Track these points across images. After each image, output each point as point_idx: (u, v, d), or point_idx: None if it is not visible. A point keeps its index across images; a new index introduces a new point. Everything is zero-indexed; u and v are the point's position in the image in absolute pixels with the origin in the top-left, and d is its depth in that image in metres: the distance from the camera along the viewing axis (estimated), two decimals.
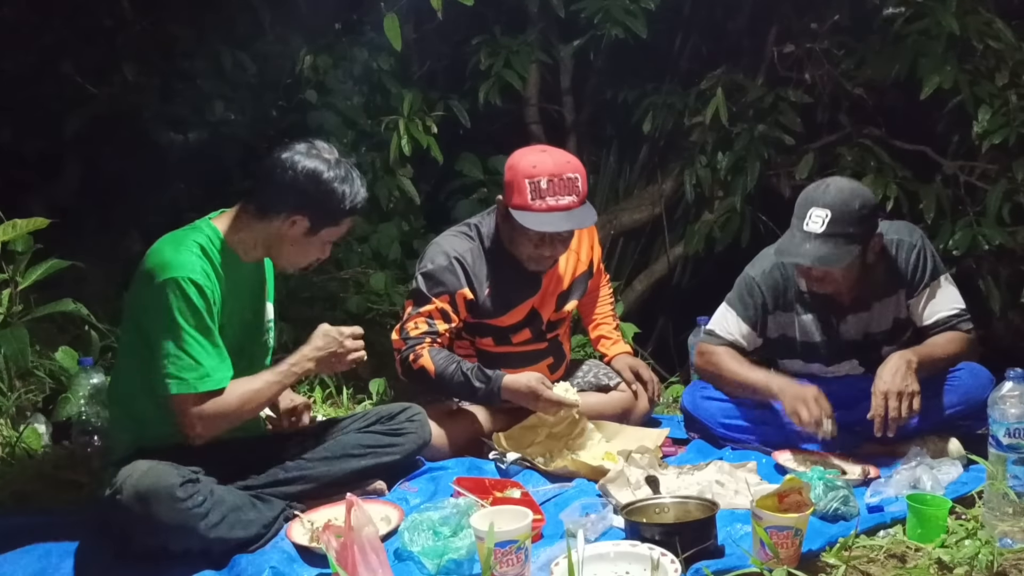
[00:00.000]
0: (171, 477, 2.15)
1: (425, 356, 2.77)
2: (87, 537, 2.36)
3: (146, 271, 2.26)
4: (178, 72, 4.73)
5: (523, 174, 2.72)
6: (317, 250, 2.43)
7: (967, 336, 2.70)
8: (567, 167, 2.75)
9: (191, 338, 2.22)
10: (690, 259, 4.97)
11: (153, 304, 2.23)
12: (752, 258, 2.95)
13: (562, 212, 2.72)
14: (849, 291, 2.73)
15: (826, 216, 2.55)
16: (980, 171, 4.06)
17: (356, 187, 2.37)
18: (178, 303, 2.21)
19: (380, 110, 4.61)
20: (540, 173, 2.71)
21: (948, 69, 3.75)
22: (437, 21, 3.66)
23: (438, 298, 2.81)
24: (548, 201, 2.70)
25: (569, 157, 2.83)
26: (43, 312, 3.27)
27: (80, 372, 3.11)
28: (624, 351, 3.25)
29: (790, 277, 2.81)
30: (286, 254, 2.42)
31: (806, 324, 2.83)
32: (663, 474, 2.54)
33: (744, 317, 2.85)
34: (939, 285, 2.72)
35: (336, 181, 2.33)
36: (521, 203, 2.72)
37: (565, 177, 2.72)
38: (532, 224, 2.71)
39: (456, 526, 2.19)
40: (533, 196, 2.70)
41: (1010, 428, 2.12)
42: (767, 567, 1.96)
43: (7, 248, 3.19)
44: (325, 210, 2.34)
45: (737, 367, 2.82)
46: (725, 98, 4.30)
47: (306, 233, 2.36)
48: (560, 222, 2.73)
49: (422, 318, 2.82)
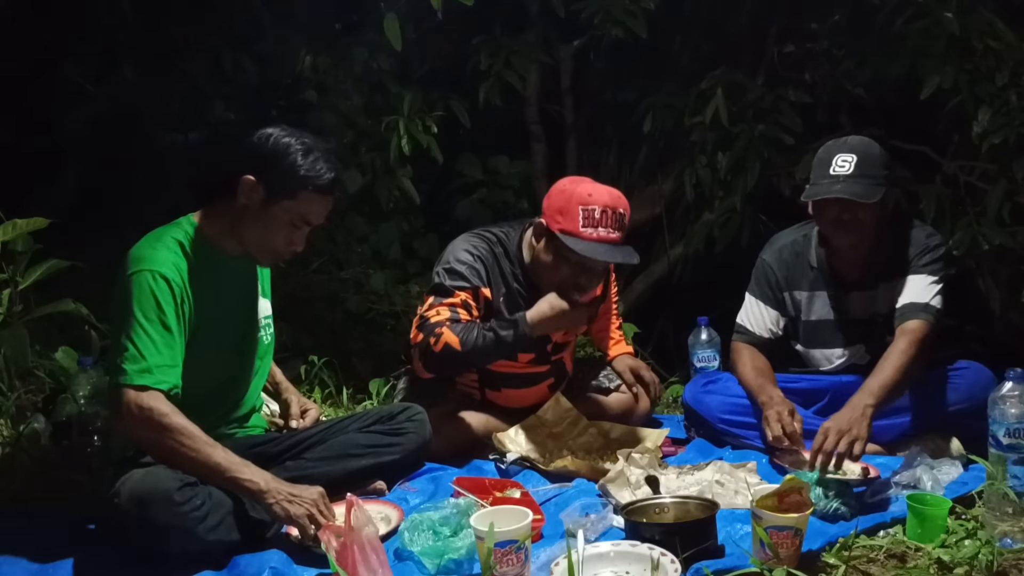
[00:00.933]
0: (169, 481, 2.14)
1: (446, 333, 2.66)
2: (87, 537, 2.37)
3: (121, 267, 2.25)
4: (178, 72, 4.73)
5: (578, 201, 2.67)
6: (283, 231, 2.33)
7: (917, 329, 2.62)
8: (620, 202, 2.72)
9: (143, 331, 2.18)
10: (690, 259, 4.96)
11: (119, 296, 2.23)
12: (753, 258, 2.97)
13: (611, 245, 2.68)
14: (861, 254, 2.76)
15: (853, 159, 2.63)
16: (980, 171, 4.05)
17: (319, 164, 2.30)
18: (139, 295, 2.19)
19: (380, 110, 4.61)
20: (595, 203, 2.67)
21: (948, 69, 3.75)
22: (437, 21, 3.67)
23: (461, 292, 2.77)
24: (600, 232, 2.66)
25: (620, 194, 2.77)
26: (43, 312, 3.27)
27: (80, 372, 3.11)
28: (625, 351, 3.25)
29: (802, 254, 2.85)
30: (252, 237, 2.34)
31: (817, 301, 2.85)
32: (663, 474, 2.54)
33: (765, 300, 2.88)
34: (929, 278, 2.70)
35: (297, 153, 2.28)
36: (572, 229, 2.67)
37: (618, 212, 2.69)
38: (583, 251, 2.65)
39: (456, 526, 2.19)
40: (585, 223, 2.65)
41: (1010, 428, 2.11)
42: (767, 567, 1.96)
43: (7, 248, 3.19)
44: (279, 173, 2.27)
45: (744, 370, 2.85)
46: (725, 98, 4.30)
47: (263, 202, 2.28)
48: (610, 254, 2.69)
49: (444, 307, 2.75)
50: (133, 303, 2.19)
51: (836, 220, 2.68)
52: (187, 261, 2.28)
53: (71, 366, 3.27)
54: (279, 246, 2.36)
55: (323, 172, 2.31)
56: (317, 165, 2.30)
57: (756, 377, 2.82)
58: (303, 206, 2.31)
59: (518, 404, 2.98)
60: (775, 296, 2.88)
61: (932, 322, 2.63)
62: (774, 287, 2.87)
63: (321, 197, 2.32)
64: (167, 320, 2.21)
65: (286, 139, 2.31)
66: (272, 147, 2.30)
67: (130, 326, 2.18)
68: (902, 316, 2.67)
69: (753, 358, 2.89)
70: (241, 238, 2.36)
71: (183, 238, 2.31)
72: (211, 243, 2.35)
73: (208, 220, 2.36)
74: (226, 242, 2.37)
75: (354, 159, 4.57)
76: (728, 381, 3.00)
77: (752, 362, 2.88)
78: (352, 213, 4.66)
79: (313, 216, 2.34)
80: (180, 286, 2.24)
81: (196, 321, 2.28)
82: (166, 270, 2.22)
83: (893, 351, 2.60)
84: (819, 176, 2.68)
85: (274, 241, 2.35)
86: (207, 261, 2.32)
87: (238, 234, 2.36)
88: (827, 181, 2.65)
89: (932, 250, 2.73)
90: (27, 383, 3.36)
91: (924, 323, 2.63)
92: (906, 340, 2.61)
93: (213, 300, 2.32)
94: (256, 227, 2.33)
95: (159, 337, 2.19)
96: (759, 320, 2.92)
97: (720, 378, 3.05)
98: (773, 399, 2.69)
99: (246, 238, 2.36)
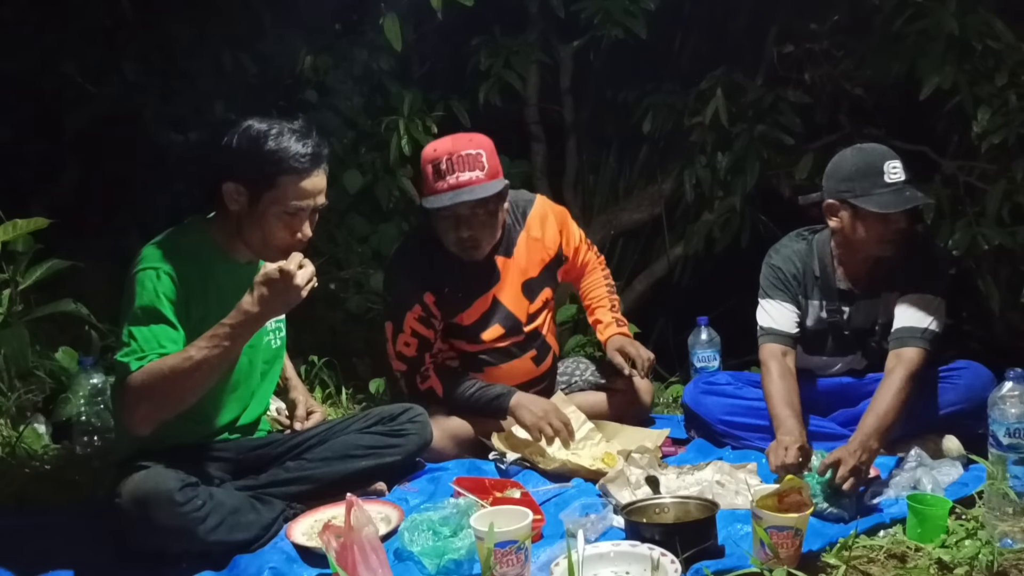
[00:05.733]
0: (170, 481, 2.13)
1: (433, 379, 2.84)
2: (87, 537, 2.37)
3: (130, 266, 2.24)
4: (178, 72, 4.73)
5: (425, 159, 2.75)
6: (280, 223, 2.25)
7: (913, 360, 2.57)
8: (468, 144, 2.74)
9: (143, 326, 2.14)
10: (690, 259, 4.97)
11: (124, 296, 2.21)
12: (752, 258, 2.96)
13: (464, 188, 2.68)
14: (869, 265, 2.73)
15: (900, 164, 2.60)
16: (979, 171, 4.06)
17: (290, 144, 2.20)
18: (141, 291, 2.17)
19: (380, 110, 4.61)
20: (440, 155, 2.71)
21: (947, 69, 3.75)
22: (437, 21, 3.67)
23: (411, 311, 2.82)
24: (449, 180, 2.69)
25: (474, 136, 2.79)
26: (43, 312, 3.28)
27: (80, 372, 3.11)
28: (616, 333, 3.15)
29: (806, 262, 2.82)
30: (254, 239, 2.28)
31: (819, 310, 2.83)
32: (663, 474, 2.54)
33: (784, 299, 2.82)
34: (933, 301, 2.65)
35: (265, 139, 2.20)
36: (428, 189, 2.73)
37: (464, 154, 2.70)
38: (434, 204, 2.70)
39: (456, 526, 2.19)
40: (435, 178, 2.71)
41: (1010, 428, 2.11)
42: (767, 567, 1.96)
43: (7, 248, 3.19)
44: (253, 167, 2.20)
45: (770, 390, 2.70)
46: (725, 98, 4.30)
47: (250, 202, 2.22)
48: (458, 196, 2.68)
49: (407, 335, 2.83)
50: (135, 299, 2.17)
51: (897, 230, 2.61)
52: (196, 265, 2.25)
53: (71, 366, 3.27)
54: (284, 240, 2.26)
55: (297, 150, 2.21)
56: (288, 145, 2.20)
57: (781, 406, 2.64)
58: (289, 191, 2.22)
59: (507, 383, 2.94)
60: (792, 293, 2.82)
61: (928, 350, 2.60)
62: (790, 284, 2.82)
63: (302, 176, 2.22)
64: (168, 315, 2.17)
65: (252, 131, 2.23)
66: (239, 144, 2.22)
67: (131, 321, 2.16)
68: (899, 340, 2.62)
69: (782, 375, 2.71)
70: (248, 242, 2.31)
71: (193, 242, 2.29)
72: (221, 250, 2.32)
73: (216, 227, 2.34)
74: (235, 249, 2.34)
75: (354, 159, 4.57)
76: (728, 382, 2.99)
77: (780, 382, 2.69)
78: (352, 213, 4.67)
79: (304, 199, 2.23)
80: (185, 286, 2.21)
81: (202, 327, 2.20)
82: (170, 268, 2.19)
83: (891, 388, 2.52)
84: (874, 185, 2.57)
85: (276, 237, 2.27)
86: (216, 267, 2.30)
87: (244, 240, 2.31)
88: (892, 190, 2.56)
89: (938, 268, 2.70)
90: (27, 383, 3.35)
91: (920, 352, 2.58)
92: (902, 374, 2.54)
93: (219, 306, 2.23)
94: (254, 229, 2.27)
95: (160, 331, 2.16)
96: (784, 317, 2.81)
97: (720, 379, 3.04)
98: (793, 432, 2.55)
99: (250, 242, 2.31)
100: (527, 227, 2.99)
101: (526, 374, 3.02)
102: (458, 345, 2.97)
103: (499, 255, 2.93)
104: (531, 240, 2.98)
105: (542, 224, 3.01)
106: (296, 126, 2.26)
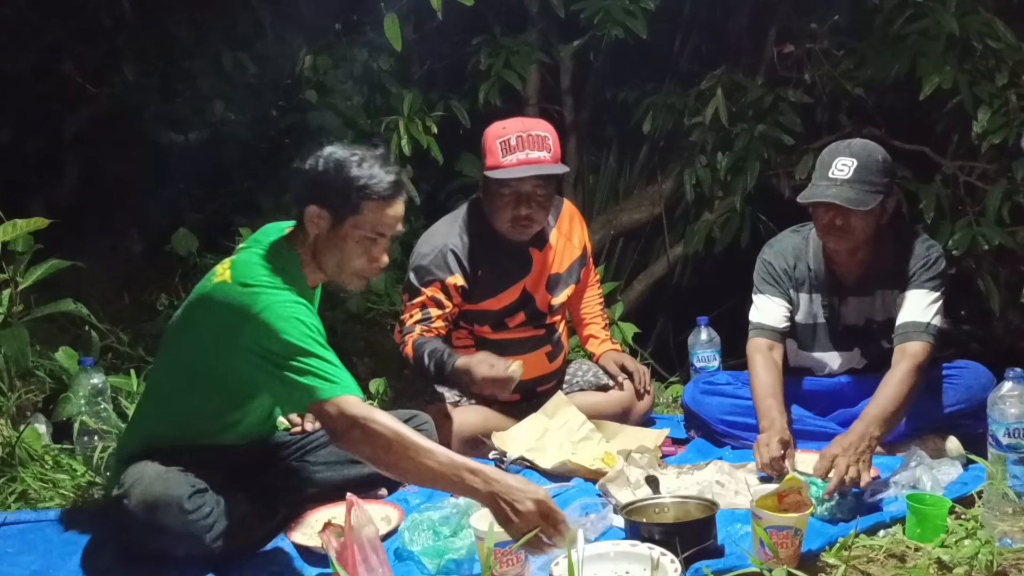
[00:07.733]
0: (181, 487, 2.13)
1: (408, 343, 2.83)
2: (87, 537, 2.37)
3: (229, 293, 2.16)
4: (178, 72, 4.73)
5: (493, 136, 2.83)
6: (359, 249, 2.26)
7: (919, 353, 2.59)
8: (537, 126, 2.86)
9: (312, 353, 2.10)
10: (690, 259, 4.97)
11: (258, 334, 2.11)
12: (752, 258, 2.97)
13: (533, 165, 2.78)
14: (859, 259, 2.74)
15: (852, 164, 2.61)
16: (980, 171, 4.06)
17: (375, 171, 2.23)
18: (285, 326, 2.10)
19: (380, 110, 4.60)
20: (509, 132, 2.81)
21: (948, 69, 3.75)
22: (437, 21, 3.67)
23: (428, 287, 2.87)
24: (518, 156, 2.78)
25: (540, 120, 2.93)
26: (43, 312, 3.27)
27: (80, 372, 3.11)
28: (610, 348, 3.26)
29: (800, 256, 2.84)
30: (331, 263, 2.29)
31: (812, 304, 2.84)
32: (663, 474, 2.54)
33: (774, 293, 2.85)
34: (931, 295, 2.67)
35: (351, 166, 2.22)
36: (494, 163, 2.80)
37: (534, 134, 2.81)
38: (504, 175, 2.77)
39: (456, 526, 2.19)
40: (504, 153, 2.78)
41: (1010, 428, 2.12)
42: (767, 567, 1.96)
43: (7, 248, 3.18)
44: (338, 193, 2.21)
45: (755, 382, 2.74)
46: (725, 98, 4.31)
47: (332, 226, 2.24)
48: (531, 170, 2.78)
49: (416, 308, 2.88)
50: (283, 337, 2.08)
51: (829, 225, 2.66)
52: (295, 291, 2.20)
53: (71, 366, 3.26)
54: (361, 266, 2.29)
55: (382, 177, 2.24)
56: (373, 172, 2.23)
57: (764, 397, 2.68)
58: (371, 217, 2.24)
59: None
60: (783, 288, 2.84)
61: (932, 343, 2.62)
62: (781, 279, 2.84)
63: (387, 204, 2.25)
64: (321, 339, 2.13)
65: (337, 156, 2.24)
66: (324, 168, 2.24)
67: (297, 355, 2.07)
68: (903, 335, 2.63)
69: (767, 368, 2.74)
70: (323, 267, 2.30)
71: (289, 268, 2.24)
72: (302, 275, 2.30)
73: (300, 251, 2.30)
74: (310, 273, 2.32)
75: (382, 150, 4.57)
76: (728, 382, 2.99)
77: (764, 374, 2.73)
78: None
79: (385, 225, 2.27)
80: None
81: None
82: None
83: (895, 377, 2.55)
84: (818, 178, 2.67)
85: (354, 262, 2.28)
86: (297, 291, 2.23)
87: (319, 264, 2.30)
88: (824, 184, 2.63)
89: (933, 264, 2.70)
90: (27, 383, 3.35)
91: (925, 345, 2.60)
92: (907, 365, 2.56)
93: None
94: (332, 253, 2.27)
95: (325, 353, 2.11)
96: (773, 312, 2.83)
97: (720, 378, 3.04)
98: (773, 425, 2.58)
99: (326, 265, 2.30)
100: (559, 224, 3.08)
101: (538, 369, 3.03)
102: (481, 331, 2.99)
103: (533, 247, 2.99)
104: (562, 237, 3.07)
105: (571, 223, 3.11)
106: (379, 153, 2.30)
